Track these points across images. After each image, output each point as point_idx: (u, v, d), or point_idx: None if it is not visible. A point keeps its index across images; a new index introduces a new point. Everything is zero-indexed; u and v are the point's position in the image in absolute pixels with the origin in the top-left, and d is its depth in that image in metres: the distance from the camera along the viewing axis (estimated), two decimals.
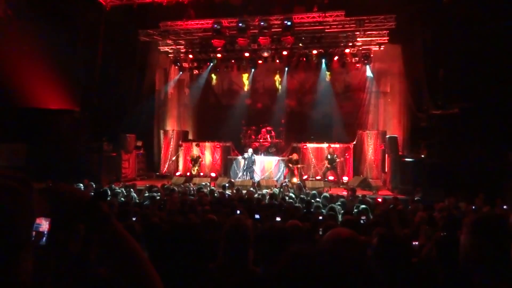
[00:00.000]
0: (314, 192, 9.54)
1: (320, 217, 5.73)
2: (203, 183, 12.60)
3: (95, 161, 13.21)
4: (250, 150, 14.53)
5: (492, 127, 10.91)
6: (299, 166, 13.90)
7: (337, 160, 13.87)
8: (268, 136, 16.09)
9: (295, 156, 14.01)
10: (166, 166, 16.31)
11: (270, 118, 16.95)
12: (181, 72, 17.56)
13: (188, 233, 2.88)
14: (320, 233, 3.44)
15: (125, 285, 1.03)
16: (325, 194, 9.41)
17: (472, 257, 1.43)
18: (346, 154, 14.72)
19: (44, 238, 0.92)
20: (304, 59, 16.17)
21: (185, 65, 17.05)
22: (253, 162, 14.36)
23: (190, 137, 17.78)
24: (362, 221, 5.70)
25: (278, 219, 5.12)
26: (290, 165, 13.83)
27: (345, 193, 10.55)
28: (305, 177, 14.30)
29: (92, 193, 1.18)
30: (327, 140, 15.03)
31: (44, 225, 0.92)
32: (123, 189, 9.74)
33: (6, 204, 0.81)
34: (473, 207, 7.88)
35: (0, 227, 0.80)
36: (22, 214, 0.84)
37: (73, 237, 1.02)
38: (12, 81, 11.61)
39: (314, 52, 15.67)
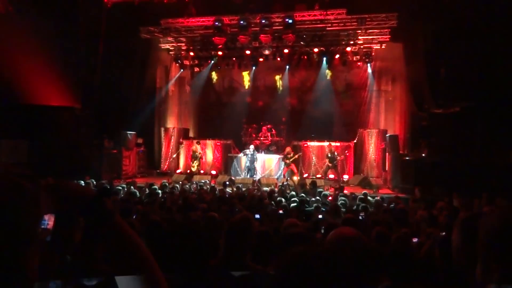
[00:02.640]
0: (324, 192, 9.39)
1: (320, 216, 5.74)
2: (203, 181, 12.59)
3: (95, 158, 13.19)
4: (252, 147, 14.43)
5: (494, 126, 10.90)
6: (295, 157, 13.71)
7: (338, 158, 13.83)
8: (269, 134, 16.06)
9: (288, 150, 13.85)
10: (167, 163, 16.32)
11: (270, 116, 16.91)
12: (182, 70, 17.54)
13: (189, 231, 2.88)
14: (322, 231, 3.45)
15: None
16: (324, 192, 9.41)
17: (462, 255, 1.44)
18: (347, 153, 14.72)
19: (50, 235, 0.92)
20: (305, 57, 16.15)
21: (186, 62, 17.02)
22: (255, 159, 14.31)
23: (191, 134, 17.78)
24: (360, 217, 5.74)
25: (280, 211, 5.15)
26: (287, 161, 13.73)
27: (346, 191, 10.55)
28: (305, 175, 14.29)
29: (96, 189, 1.18)
30: (327, 138, 15.03)
31: (50, 222, 0.92)
32: (124, 186, 9.75)
33: (14, 201, 0.82)
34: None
35: (8, 224, 0.80)
36: (29, 211, 0.84)
37: (75, 232, 1.02)
38: (13, 78, 11.59)
39: (315, 50, 15.64)
